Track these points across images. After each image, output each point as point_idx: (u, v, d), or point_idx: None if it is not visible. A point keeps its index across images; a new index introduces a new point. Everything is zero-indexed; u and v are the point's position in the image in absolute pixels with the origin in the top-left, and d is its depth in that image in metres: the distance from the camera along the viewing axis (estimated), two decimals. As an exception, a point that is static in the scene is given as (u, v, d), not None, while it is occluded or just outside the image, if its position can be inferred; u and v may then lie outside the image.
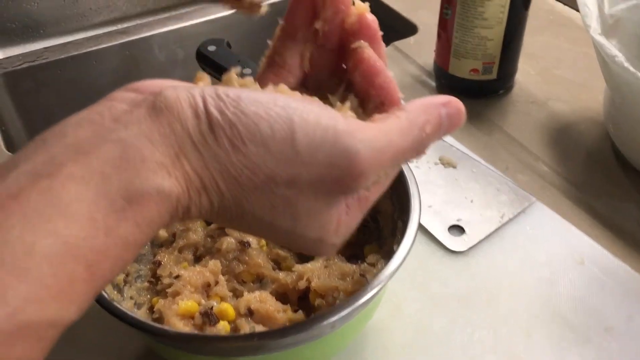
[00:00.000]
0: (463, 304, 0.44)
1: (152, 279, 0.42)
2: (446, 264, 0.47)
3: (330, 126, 0.24)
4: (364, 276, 0.38)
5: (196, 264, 0.42)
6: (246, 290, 0.41)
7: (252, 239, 0.43)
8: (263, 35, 0.82)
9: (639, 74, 0.47)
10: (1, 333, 0.18)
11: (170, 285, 0.40)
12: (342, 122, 0.24)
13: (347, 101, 0.29)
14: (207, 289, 0.40)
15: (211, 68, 0.65)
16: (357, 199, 0.28)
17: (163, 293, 0.40)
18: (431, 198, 0.52)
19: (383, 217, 0.43)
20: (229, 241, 0.42)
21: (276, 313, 0.38)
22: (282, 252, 0.43)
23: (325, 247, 0.28)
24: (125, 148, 0.22)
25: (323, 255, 0.36)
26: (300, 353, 0.35)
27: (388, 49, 0.75)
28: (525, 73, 0.69)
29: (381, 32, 0.30)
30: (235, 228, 0.40)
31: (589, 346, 0.41)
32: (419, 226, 0.37)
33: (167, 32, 0.79)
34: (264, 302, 0.39)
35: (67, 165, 0.21)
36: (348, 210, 0.28)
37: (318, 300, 0.39)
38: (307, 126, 0.24)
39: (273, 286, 0.41)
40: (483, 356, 0.41)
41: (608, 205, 0.53)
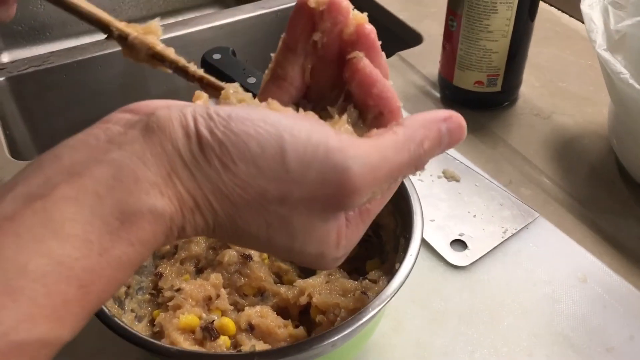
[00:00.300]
0: (464, 321, 0.44)
1: (154, 291, 0.42)
2: (448, 279, 0.47)
3: (321, 143, 0.24)
4: (366, 294, 0.38)
5: (198, 276, 0.42)
6: (247, 303, 0.41)
7: (254, 252, 0.43)
8: (269, 43, 0.82)
9: (645, 92, 0.47)
10: None
11: (171, 298, 0.40)
12: (334, 138, 0.24)
13: (345, 114, 0.29)
14: (208, 302, 0.40)
15: (216, 76, 0.64)
16: (358, 212, 0.28)
17: (164, 306, 0.40)
18: (434, 212, 0.52)
19: (386, 233, 0.43)
20: (231, 254, 0.42)
21: (277, 329, 0.38)
22: (284, 265, 0.43)
23: (327, 261, 0.28)
24: (118, 168, 0.22)
25: (326, 269, 0.36)
26: (300, 371, 0.35)
27: (392, 59, 0.75)
28: (530, 85, 0.69)
29: (380, 42, 0.30)
30: (235, 244, 0.40)
31: (590, 366, 0.41)
32: (421, 240, 0.37)
33: (172, 38, 0.79)
34: (265, 317, 0.39)
35: (61, 186, 0.21)
36: (348, 223, 0.28)
37: (319, 316, 0.38)
38: (298, 143, 0.24)
39: (274, 300, 0.41)
40: (484, 374, 0.41)
41: (611, 221, 0.53)
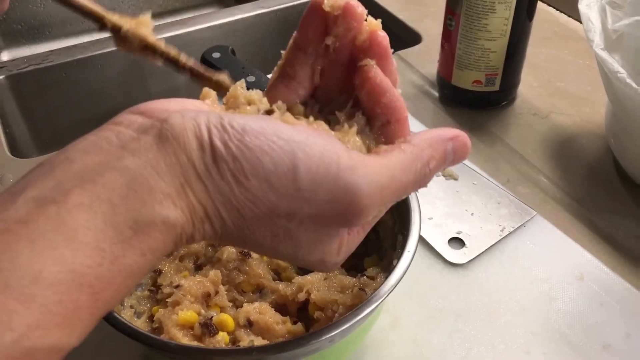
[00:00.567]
0: (461, 319, 0.44)
1: (153, 288, 0.42)
2: (445, 277, 0.48)
3: (333, 161, 0.24)
4: (364, 290, 0.38)
5: (197, 273, 0.43)
6: (246, 300, 0.41)
7: (253, 250, 0.43)
8: (268, 42, 0.83)
9: (642, 91, 0.47)
10: (6, 358, 0.19)
11: (170, 294, 0.40)
12: (345, 157, 0.25)
13: (354, 125, 0.29)
14: (207, 299, 0.41)
15: (215, 75, 0.65)
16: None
17: (163, 302, 0.40)
18: (432, 210, 0.52)
19: (383, 230, 0.43)
20: (230, 251, 0.43)
21: (275, 325, 0.38)
22: (283, 263, 0.44)
23: (327, 266, 0.29)
24: (132, 177, 0.22)
25: (325, 271, 0.37)
26: (298, 367, 0.35)
27: (392, 58, 0.75)
28: (528, 85, 0.70)
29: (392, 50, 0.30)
30: (239, 247, 0.41)
31: (587, 363, 0.41)
32: (419, 238, 0.37)
33: (172, 37, 0.79)
34: (264, 314, 0.39)
35: (74, 192, 0.21)
36: (350, 231, 0.28)
37: (317, 312, 0.39)
38: (310, 161, 0.24)
39: (273, 297, 0.41)
40: (481, 371, 0.41)
41: (608, 220, 0.53)
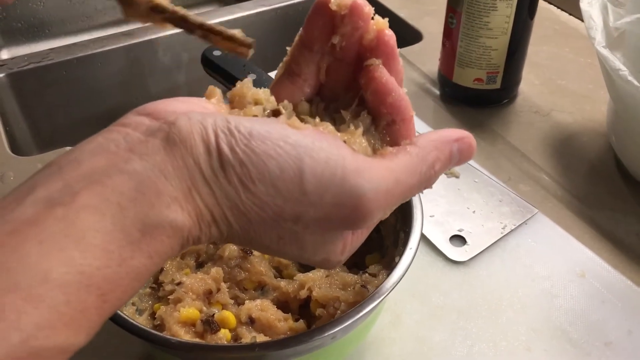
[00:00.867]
0: (463, 316, 0.44)
1: (154, 285, 0.42)
2: (447, 274, 0.47)
3: (338, 166, 0.24)
4: (366, 287, 0.38)
5: (198, 270, 0.43)
6: (248, 297, 0.41)
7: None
8: (269, 41, 0.83)
9: (643, 89, 0.47)
10: (14, 359, 0.19)
11: (172, 291, 0.40)
12: (351, 161, 0.25)
13: (360, 126, 0.29)
14: (209, 296, 0.40)
15: (216, 73, 0.65)
16: None
17: (165, 299, 0.40)
18: (433, 208, 0.52)
19: (385, 227, 0.43)
20: (232, 248, 0.43)
21: (277, 322, 0.38)
22: (284, 260, 0.44)
23: (330, 264, 0.29)
24: (140, 181, 0.22)
25: (328, 269, 0.37)
26: (300, 363, 0.35)
27: (392, 56, 0.75)
28: (529, 83, 0.69)
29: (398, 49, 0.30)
30: (243, 247, 0.41)
31: (589, 360, 0.41)
32: (421, 235, 0.37)
33: (172, 35, 0.79)
34: (265, 311, 0.39)
35: (82, 194, 0.21)
36: (354, 232, 0.29)
37: (319, 310, 0.39)
38: (316, 166, 0.24)
39: (274, 294, 0.41)
40: (482, 368, 0.41)
41: (610, 217, 0.53)
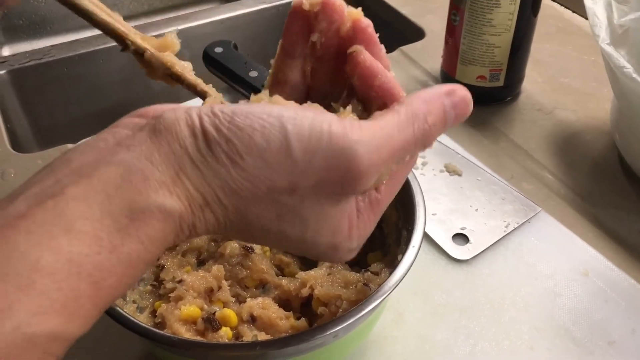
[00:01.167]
0: (466, 315, 0.44)
1: (155, 283, 0.42)
2: (449, 273, 0.47)
3: (324, 130, 0.24)
4: (368, 285, 0.38)
5: (199, 268, 0.42)
6: (249, 295, 0.41)
7: (256, 244, 0.43)
8: (270, 37, 0.82)
9: (648, 86, 0.47)
10: (7, 346, 0.19)
11: (173, 289, 0.40)
12: (337, 124, 0.25)
13: (349, 106, 0.29)
14: (210, 294, 0.40)
15: (218, 70, 0.65)
16: (369, 202, 0.28)
17: (166, 297, 0.40)
18: (436, 206, 0.52)
19: (387, 225, 0.43)
20: (233, 246, 0.42)
21: (279, 320, 0.38)
22: (286, 258, 0.43)
23: (340, 253, 0.28)
24: (126, 169, 0.22)
25: (341, 261, 0.34)
26: (302, 362, 0.35)
27: (394, 54, 0.74)
28: (532, 81, 0.69)
29: (379, 35, 0.30)
30: (246, 241, 0.40)
31: None
32: (423, 233, 0.37)
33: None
34: (267, 309, 0.38)
35: (70, 186, 0.22)
36: (359, 213, 0.28)
37: (321, 308, 0.38)
38: (302, 132, 0.24)
39: (276, 292, 0.41)
40: (485, 367, 0.41)
41: (613, 216, 0.53)
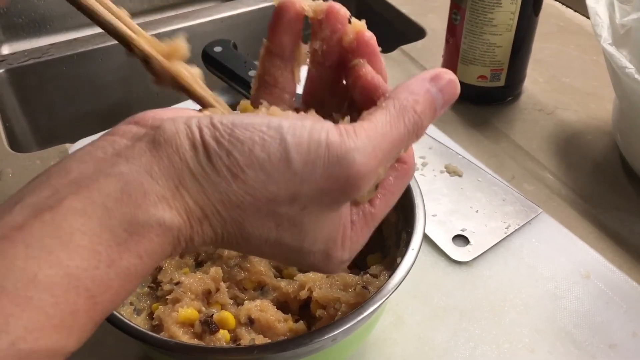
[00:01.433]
0: (466, 317, 0.44)
1: (153, 284, 0.42)
2: (449, 275, 0.47)
3: (322, 139, 0.24)
4: (367, 288, 0.37)
5: (197, 270, 0.42)
6: (247, 297, 0.41)
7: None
8: (270, 36, 0.81)
9: (650, 87, 0.46)
10: None
11: (170, 291, 0.40)
12: (334, 132, 0.24)
13: (348, 116, 0.28)
14: (208, 296, 0.40)
15: (217, 69, 0.64)
16: (362, 216, 0.28)
17: (163, 299, 0.40)
18: (436, 207, 0.52)
19: (387, 227, 0.43)
20: (231, 247, 0.42)
21: (277, 323, 0.38)
22: (284, 260, 0.43)
23: (333, 263, 0.28)
24: (126, 182, 0.22)
25: (332, 272, 0.34)
26: (300, 365, 0.34)
27: (395, 53, 0.74)
28: (533, 80, 0.69)
29: (383, 36, 0.29)
30: (243, 252, 0.39)
31: (593, 363, 0.41)
32: (423, 235, 0.37)
33: (173, 31, 0.78)
34: (265, 312, 0.38)
35: (69, 198, 0.21)
36: (353, 225, 0.28)
37: (319, 311, 0.38)
38: (301, 143, 0.24)
39: (274, 294, 0.41)
40: (485, 370, 0.40)
41: (614, 217, 0.53)
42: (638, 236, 0.51)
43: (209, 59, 0.65)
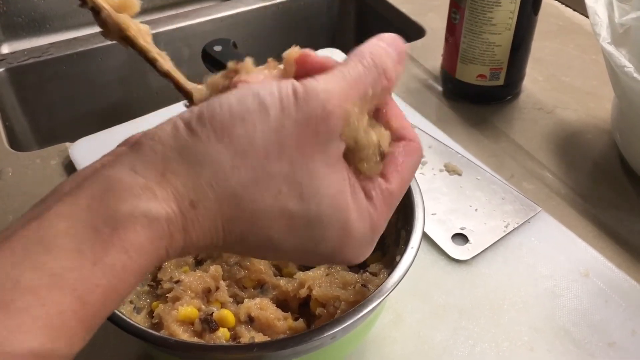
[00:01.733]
0: (465, 315, 0.44)
1: (153, 283, 0.42)
2: (449, 273, 0.47)
3: (289, 89, 0.25)
4: (366, 286, 0.37)
5: (197, 268, 0.42)
6: (247, 296, 0.41)
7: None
8: (270, 36, 0.82)
9: (649, 86, 0.46)
10: None
11: (170, 289, 0.40)
12: (297, 83, 0.25)
13: None
14: (208, 295, 0.40)
15: (216, 68, 0.64)
16: (380, 192, 0.27)
17: (163, 297, 0.40)
18: (435, 206, 0.52)
19: (386, 225, 0.43)
20: (231, 246, 0.42)
21: (276, 321, 0.38)
22: (284, 258, 0.43)
23: (354, 238, 0.26)
24: (109, 182, 0.23)
25: (356, 254, 0.28)
26: (300, 363, 0.34)
27: (395, 52, 0.74)
28: (532, 79, 0.69)
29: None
30: (249, 249, 0.35)
31: (592, 361, 0.41)
32: (423, 234, 0.37)
33: (173, 30, 0.78)
34: (265, 310, 0.38)
35: (55, 206, 0.22)
36: (370, 199, 0.27)
37: (319, 309, 0.38)
38: (272, 93, 0.25)
39: (274, 293, 0.41)
40: (484, 369, 0.41)
41: (614, 216, 0.53)
42: (637, 235, 0.51)
43: (209, 58, 0.65)
